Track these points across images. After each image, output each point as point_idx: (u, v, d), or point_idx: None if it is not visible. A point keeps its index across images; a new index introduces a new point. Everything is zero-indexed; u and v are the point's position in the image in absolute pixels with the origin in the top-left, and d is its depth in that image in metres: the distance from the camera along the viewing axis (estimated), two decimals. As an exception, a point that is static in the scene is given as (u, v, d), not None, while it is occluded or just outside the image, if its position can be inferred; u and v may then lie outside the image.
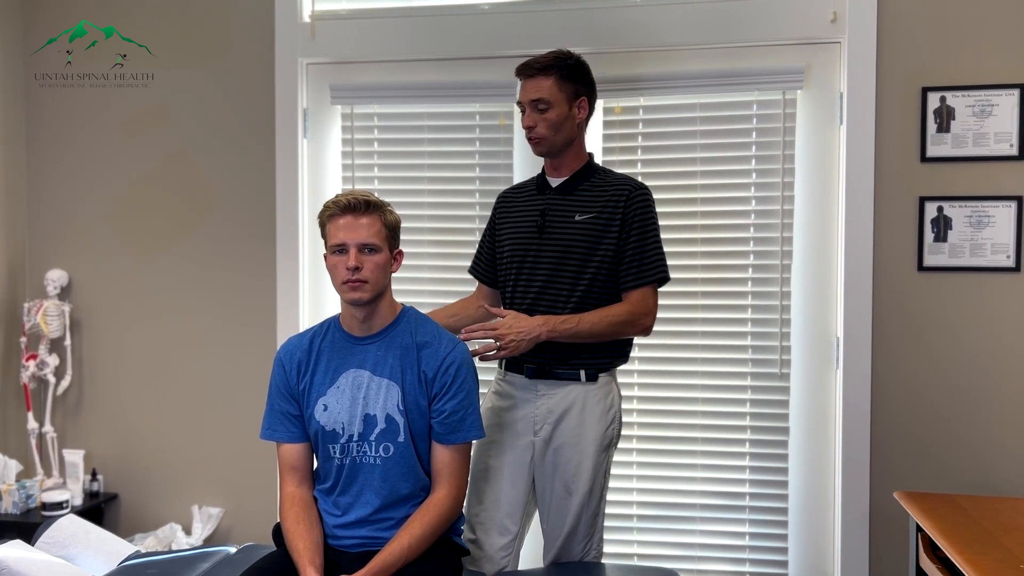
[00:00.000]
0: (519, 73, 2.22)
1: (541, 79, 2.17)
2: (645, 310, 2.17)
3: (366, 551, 1.91)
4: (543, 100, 2.16)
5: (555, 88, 2.16)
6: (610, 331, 2.15)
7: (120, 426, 3.16)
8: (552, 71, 2.17)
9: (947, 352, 2.63)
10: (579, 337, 2.12)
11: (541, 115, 2.16)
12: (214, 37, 3.05)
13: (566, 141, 2.20)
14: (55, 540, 2.25)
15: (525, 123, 2.19)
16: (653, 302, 2.19)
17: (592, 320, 2.12)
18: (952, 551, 1.96)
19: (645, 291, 2.17)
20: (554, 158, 2.23)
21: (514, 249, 2.25)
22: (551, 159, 2.24)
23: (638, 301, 2.16)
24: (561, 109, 2.17)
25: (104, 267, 3.15)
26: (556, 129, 2.17)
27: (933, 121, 2.61)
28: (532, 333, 2.09)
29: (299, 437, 2.00)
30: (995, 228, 2.58)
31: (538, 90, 2.16)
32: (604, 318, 2.13)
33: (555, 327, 2.10)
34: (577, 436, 2.16)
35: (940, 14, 2.61)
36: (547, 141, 2.19)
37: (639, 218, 2.16)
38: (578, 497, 2.15)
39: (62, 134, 3.17)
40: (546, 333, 2.10)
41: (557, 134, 2.18)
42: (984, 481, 2.60)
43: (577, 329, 2.11)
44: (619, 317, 2.14)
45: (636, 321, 2.16)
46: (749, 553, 2.79)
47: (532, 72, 2.18)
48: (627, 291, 2.17)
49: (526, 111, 2.19)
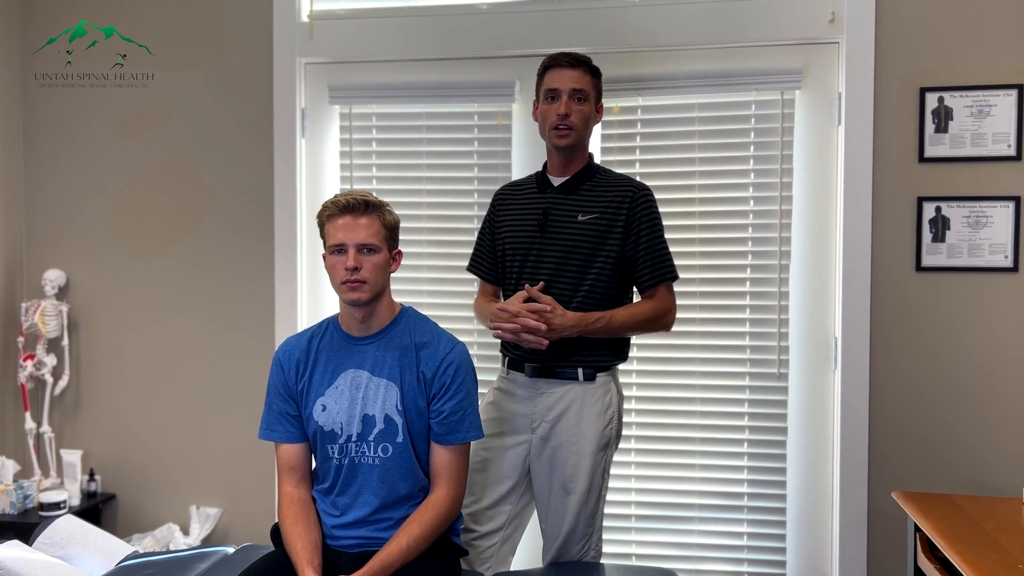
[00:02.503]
0: (553, 61, 2.20)
1: (581, 72, 2.18)
2: (668, 307, 2.22)
3: (364, 551, 1.91)
4: (583, 91, 2.17)
5: (590, 84, 2.19)
6: (638, 328, 2.20)
7: (118, 426, 3.15)
8: (585, 67, 2.19)
9: (945, 352, 2.63)
10: (609, 333, 2.16)
11: (578, 105, 2.17)
12: (213, 37, 3.05)
13: (586, 137, 2.23)
14: (53, 540, 2.24)
15: (560, 111, 2.15)
16: (672, 299, 2.24)
17: (622, 318, 2.15)
18: (950, 551, 1.96)
19: (663, 289, 2.21)
20: (568, 154, 2.22)
21: (516, 247, 2.25)
22: (564, 155, 2.23)
23: (661, 299, 2.20)
24: (591, 105, 2.20)
25: (102, 267, 3.15)
26: (586, 123, 2.19)
27: (931, 121, 2.61)
28: (565, 331, 2.11)
29: (297, 437, 2.00)
30: (993, 228, 2.59)
31: (579, 81, 2.17)
32: (633, 315, 2.17)
33: (588, 325, 2.13)
34: (575, 435, 2.16)
35: (938, 15, 2.61)
36: (577, 132, 2.18)
37: (647, 219, 2.19)
38: (576, 496, 2.15)
39: (61, 134, 3.16)
40: (578, 331, 2.12)
41: (586, 128, 2.20)
42: (982, 481, 2.60)
43: (608, 326, 2.14)
44: (647, 315, 2.18)
45: (662, 318, 2.21)
46: (747, 553, 2.79)
47: (573, 62, 2.18)
48: (647, 290, 2.20)
49: (561, 99, 2.16)
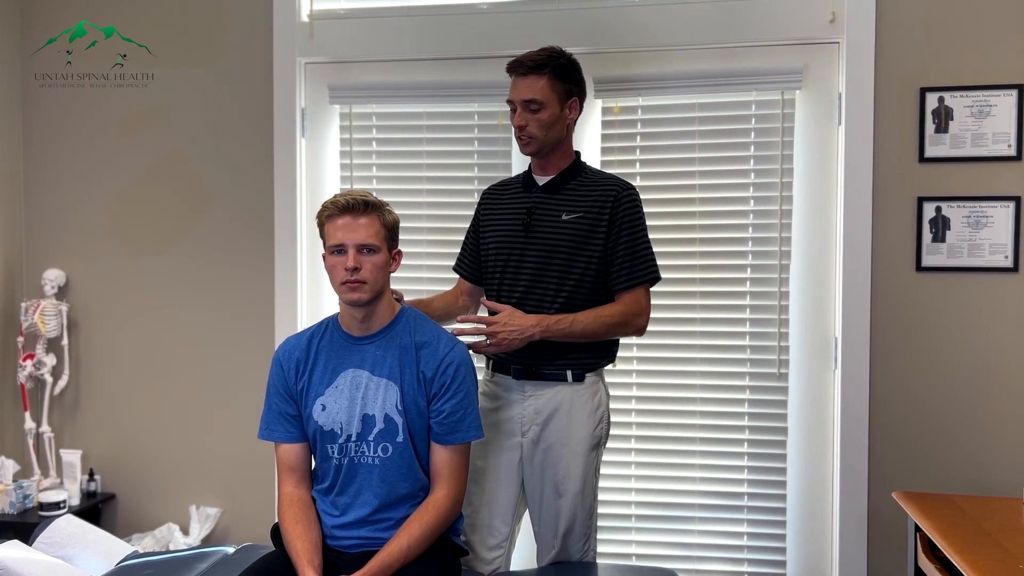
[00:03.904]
0: (511, 70, 2.17)
1: (534, 79, 2.12)
2: (638, 310, 2.15)
3: (365, 551, 1.90)
4: (535, 101, 2.11)
5: (547, 88, 2.12)
6: (604, 331, 2.13)
7: (117, 426, 3.15)
8: (545, 70, 2.12)
9: (945, 352, 2.63)
10: (572, 337, 2.10)
11: (533, 115, 2.13)
12: (213, 37, 3.04)
13: (555, 141, 2.17)
14: (52, 540, 2.24)
15: (516, 122, 2.15)
16: (646, 302, 2.17)
17: (586, 320, 2.10)
18: (951, 551, 1.96)
19: (638, 291, 2.15)
20: (542, 158, 2.20)
21: (499, 247, 2.22)
22: (539, 158, 2.21)
23: (631, 301, 2.14)
24: (553, 109, 2.13)
25: (102, 267, 3.14)
26: (547, 129, 2.14)
27: (931, 121, 2.61)
28: (526, 332, 2.07)
29: (297, 437, 1.99)
30: (993, 228, 2.59)
31: (530, 90, 2.12)
32: (598, 318, 2.11)
33: (549, 327, 2.08)
34: (565, 437, 2.14)
35: (938, 15, 2.61)
36: (537, 141, 2.15)
37: (628, 218, 2.14)
38: (569, 498, 2.14)
39: (61, 134, 3.16)
40: (539, 333, 2.08)
41: (548, 134, 2.14)
42: (982, 481, 2.60)
43: (571, 329, 2.09)
44: (612, 318, 2.12)
45: (630, 322, 2.14)
46: (747, 553, 2.79)
47: (525, 71, 2.14)
48: (620, 292, 2.15)
49: (517, 110, 2.15)
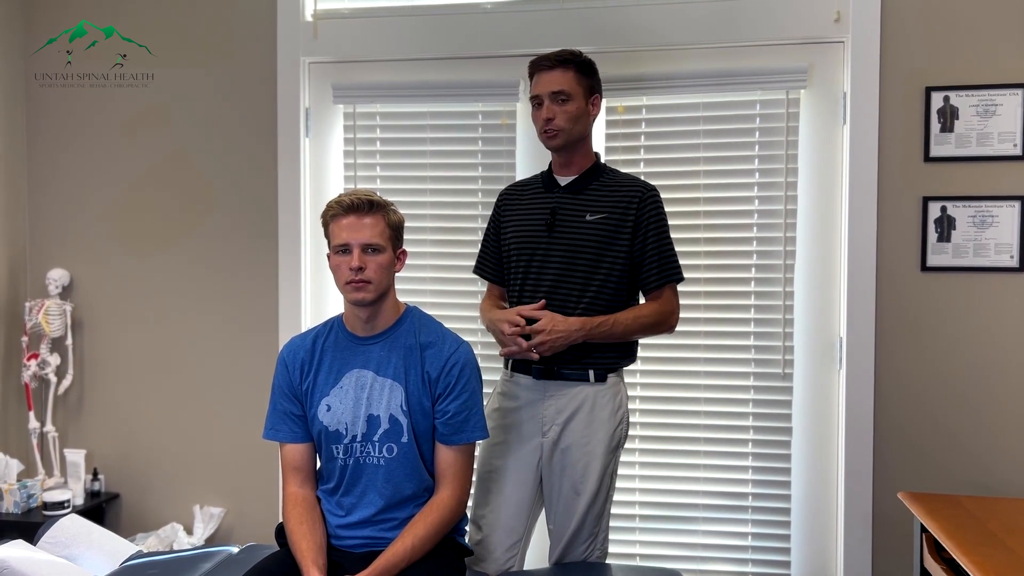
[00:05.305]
0: (535, 67, 2.21)
1: (561, 71, 2.16)
2: (672, 309, 2.20)
3: (369, 551, 1.90)
4: (564, 92, 2.15)
5: (574, 81, 2.17)
6: (641, 331, 2.18)
7: (121, 425, 3.15)
8: (570, 65, 2.17)
9: (950, 352, 2.62)
10: (613, 338, 2.14)
11: (561, 107, 2.15)
12: (215, 36, 3.04)
13: (581, 135, 2.20)
14: (57, 540, 2.24)
15: (544, 115, 2.16)
16: (677, 301, 2.22)
17: (626, 321, 2.14)
18: (957, 552, 1.95)
19: (669, 290, 2.20)
20: (567, 154, 2.22)
21: (522, 248, 2.23)
22: (563, 155, 2.23)
23: (666, 300, 2.19)
24: (579, 102, 2.17)
25: (106, 267, 3.14)
26: (574, 121, 2.17)
27: (937, 121, 2.61)
28: (571, 337, 2.10)
29: (302, 437, 1.99)
30: (999, 228, 2.58)
31: (559, 82, 2.16)
32: (637, 319, 2.15)
33: (592, 330, 2.11)
34: (586, 437, 2.15)
35: (944, 14, 2.60)
36: (565, 133, 2.17)
37: (655, 219, 2.18)
38: (585, 497, 2.15)
39: (63, 134, 3.16)
40: (583, 336, 2.10)
41: (575, 127, 2.17)
42: (987, 482, 2.59)
43: (612, 331, 2.12)
44: (650, 318, 2.17)
45: (665, 320, 2.19)
46: (752, 553, 2.78)
47: (551, 64, 2.18)
48: (652, 291, 2.19)
49: (544, 104, 2.17)
